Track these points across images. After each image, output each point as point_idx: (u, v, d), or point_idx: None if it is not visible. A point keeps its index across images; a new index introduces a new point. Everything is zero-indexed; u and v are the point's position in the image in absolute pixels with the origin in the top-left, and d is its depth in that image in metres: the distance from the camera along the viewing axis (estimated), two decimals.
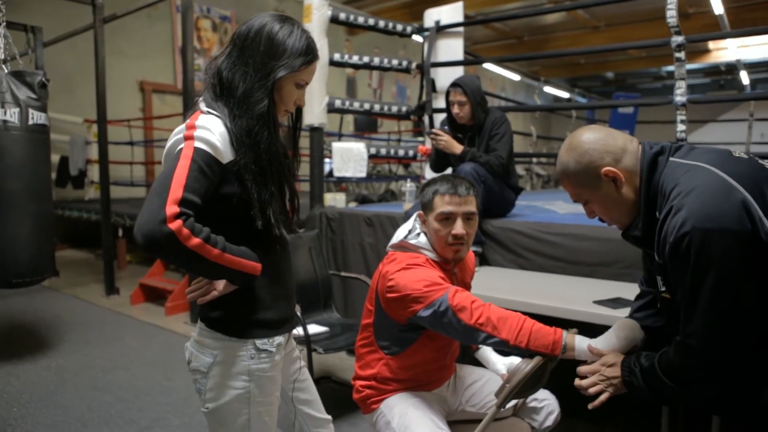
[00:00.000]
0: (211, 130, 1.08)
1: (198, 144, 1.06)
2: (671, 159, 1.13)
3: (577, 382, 1.27)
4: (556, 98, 15.23)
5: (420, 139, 7.69)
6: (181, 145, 1.07)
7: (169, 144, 1.11)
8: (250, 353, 1.18)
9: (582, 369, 1.27)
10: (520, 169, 9.57)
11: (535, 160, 9.32)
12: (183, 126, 1.11)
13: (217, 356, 1.18)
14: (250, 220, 1.13)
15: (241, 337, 1.18)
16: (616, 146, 1.15)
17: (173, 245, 0.99)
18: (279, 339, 1.23)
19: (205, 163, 1.06)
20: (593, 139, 1.17)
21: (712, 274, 0.99)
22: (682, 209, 1.01)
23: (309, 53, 1.17)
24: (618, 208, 1.19)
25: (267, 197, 1.13)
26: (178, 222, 0.98)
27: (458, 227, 1.52)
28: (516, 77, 13.28)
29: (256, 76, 1.13)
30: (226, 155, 1.10)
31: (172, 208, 0.98)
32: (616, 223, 1.23)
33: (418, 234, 1.60)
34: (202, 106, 1.15)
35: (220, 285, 1.14)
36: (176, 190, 1.00)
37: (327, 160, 4.21)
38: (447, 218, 1.53)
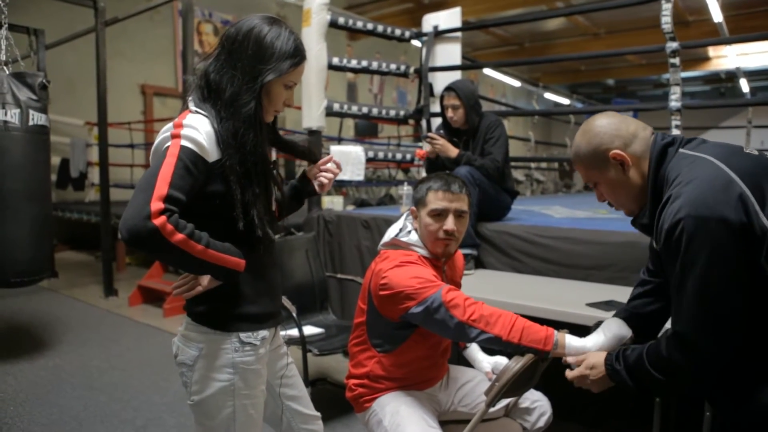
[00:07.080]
0: (198, 129, 1.11)
1: (184, 142, 1.09)
2: (680, 150, 1.16)
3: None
4: (557, 104, 15.26)
5: (420, 143, 7.70)
6: (168, 143, 1.09)
7: (156, 142, 1.13)
8: (234, 346, 1.20)
9: (569, 376, 1.30)
10: (520, 175, 9.57)
11: (533, 165, 9.32)
12: (171, 124, 1.13)
13: (202, 349, 1.19)
14: (232, 219, 1.15)
15: (225, 330, 1.20)
16: (627, 131, 1.19)
17: (157, 240, 1.01)
18: (263, 333, 1.25)
19: (190, 161, 1.08)
20: (605, 123, 1.21)
21: (701, 260, 1.00)
22: (680, 197, 1.04)
23: (297, 55, 1.19)
24: (624, 192, 1.22)
25: (251, 198, 1.15)
26: (163, 218, 1.00)
27: (449, 223, 1.56)
28: (517, 83, 13.30)
29: (243, 79, 1.15)
30: (212, 154, 1.12)
31: (156, 205, 1.00)
32: (622, 207, 1.26)
33: (409, 231, 1.63)
34: (191, 105, 1.17)
35: (205, 280, 1.16)
36: (161, 187, 1.02)
37: None
38: (439, 214, 1.56)
